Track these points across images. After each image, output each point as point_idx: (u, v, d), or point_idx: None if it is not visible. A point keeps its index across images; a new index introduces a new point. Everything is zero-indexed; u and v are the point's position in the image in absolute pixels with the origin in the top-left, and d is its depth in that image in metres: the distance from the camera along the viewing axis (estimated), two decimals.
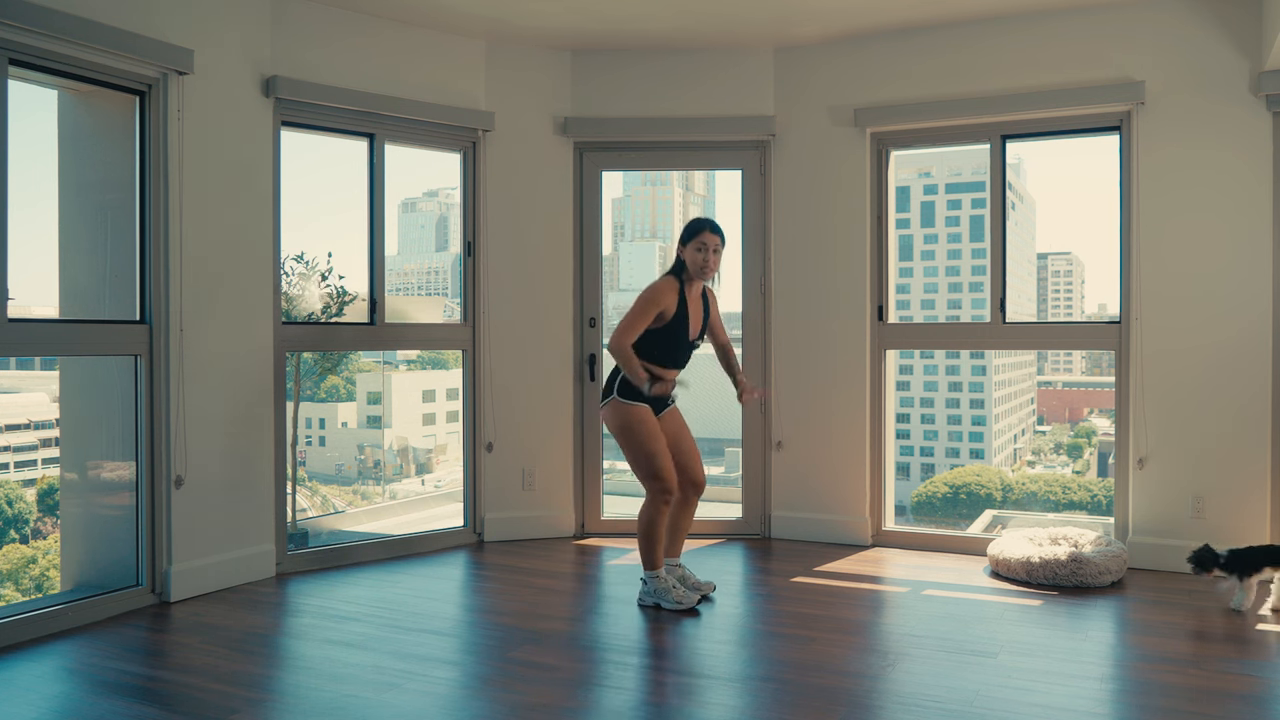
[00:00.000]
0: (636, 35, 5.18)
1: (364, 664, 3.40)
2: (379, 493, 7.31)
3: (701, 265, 3.98)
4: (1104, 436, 10.34)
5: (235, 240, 4.40)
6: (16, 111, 3.66)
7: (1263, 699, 3.05)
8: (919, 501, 9.85)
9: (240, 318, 4.42)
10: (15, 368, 5.73)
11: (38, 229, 4.18)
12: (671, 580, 4.08)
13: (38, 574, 5.51)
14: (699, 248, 3.98)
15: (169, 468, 4.13)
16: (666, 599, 4.02)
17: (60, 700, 3.13)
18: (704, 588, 4.18)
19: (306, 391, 6.67)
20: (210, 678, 3.26)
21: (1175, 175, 4.60)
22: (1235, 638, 3.64)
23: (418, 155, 5.33)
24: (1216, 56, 4.50)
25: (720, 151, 5.52)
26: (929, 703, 3.00)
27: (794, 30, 5.11)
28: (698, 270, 3.99)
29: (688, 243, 4.02)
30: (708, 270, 4.00)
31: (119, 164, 4.17)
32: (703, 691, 3.17)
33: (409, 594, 4.33)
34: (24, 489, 6.02)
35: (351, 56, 4.82)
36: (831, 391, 5.28)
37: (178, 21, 4.13)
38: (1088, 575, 4.28)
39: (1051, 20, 4.80)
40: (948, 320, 11.96)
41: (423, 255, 8.68)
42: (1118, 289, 4.77)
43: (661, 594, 4.04)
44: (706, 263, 3.98)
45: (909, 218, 12.40)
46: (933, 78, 5.05)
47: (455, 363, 5.50)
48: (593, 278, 5.51)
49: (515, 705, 3.03)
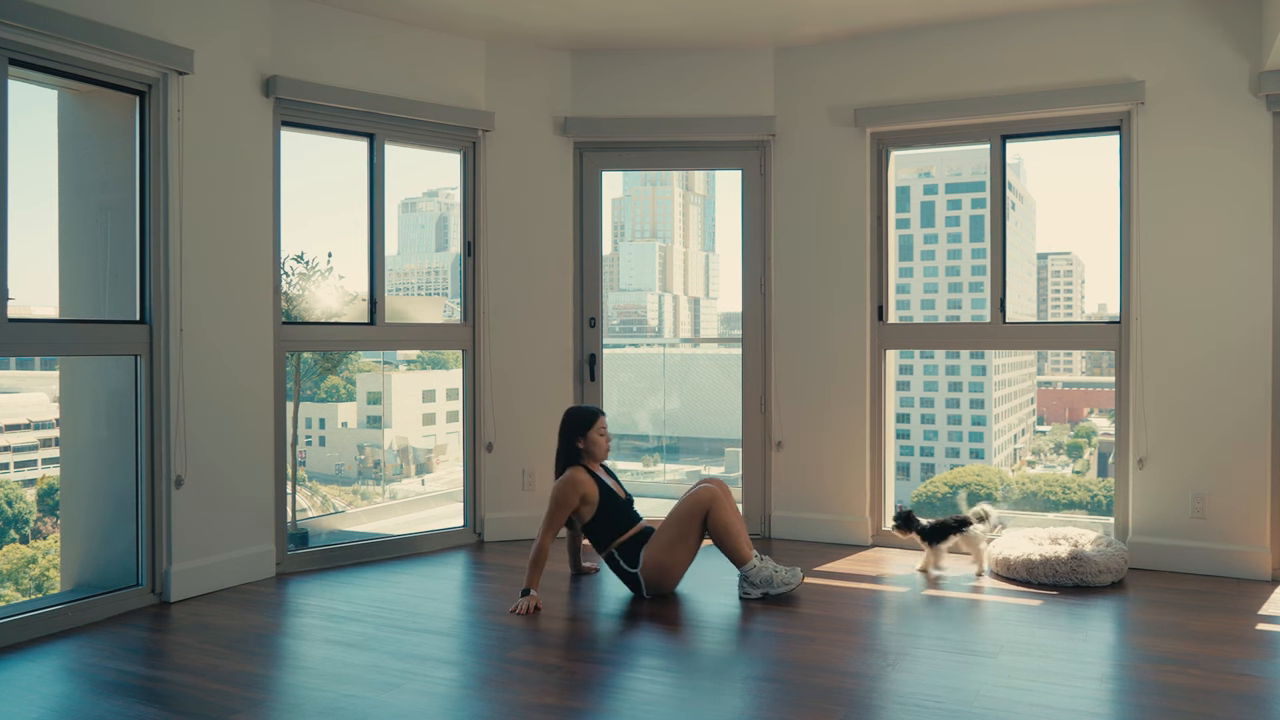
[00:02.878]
0: (636, 35, 5.18)
1: (364, 664, 3.40)
2: (379, 493, 7.31)
3: (606, 448, 4.35)
4: (1104, 436, 10.34)
5: (235, 240, 4.40)
6: (16, 111, 3.67)
7: (1263, 699, 3.04)
8: (919, 501, 9.85)
9: (240, 318, 4.42)
10: (15, 368, 5.73)
11: (38, 229, 4.18)
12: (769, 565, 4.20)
13: (38, 574, 5.50)
14: (600, 432, 4.33)
15: (169, 468, 4.13)
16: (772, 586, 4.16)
17: (60, 700, 3.13)
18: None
19: (306, 391, 6.67)
20: (210, 678, 3.26)
21: (1175, 175, 4.60)
22: (1235, 638, 3.64)
23: (418, 155, 5.33)
24: (1216, 56, 4.50)
25: (720, 151, 5.52)
26: (929, 703, 3.00)
27: (794, 30, 5.11)
28: (602, 454, 4.35)
29: (587, 431, 4.31)
30: (607, 451, 4.37)
31: (119, 164, 4.17)
32: (703, 691, 3.17)
33: (409, 594, 4.33)
34: (24, 489, 6.02)
35: (351, 56, 4.82)
36: (831, 391, 5.28)
37: (177, 21, 4.13)
38: (1088, 574, 4.28)
39: (1051, 20, 4.80)
40: (948, 320, 11.96)
41: (423, 255, 8.67)
42: (1118, 289, 4.77)
43: (767, 582, 4.15)
44: (607, 444, 4.36)
45: (909, 218, 12.41)
46: (933, 78, 5.05)
47: (455, 363, 5.50)
48: (593, 278, 5.51)
49: (515, 705, 3.03)
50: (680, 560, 4.20)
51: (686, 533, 4.18)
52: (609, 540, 4.23)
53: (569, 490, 4.21)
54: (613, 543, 4.23)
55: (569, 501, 4.20)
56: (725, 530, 4.15)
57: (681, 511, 4.19)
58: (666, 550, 4.17)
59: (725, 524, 4.15)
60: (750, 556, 4.17)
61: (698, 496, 4.18)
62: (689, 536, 4.19)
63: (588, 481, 4.25)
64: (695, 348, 8.04)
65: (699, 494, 4.19)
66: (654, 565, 4.16)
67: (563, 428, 4.37)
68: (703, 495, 4.17)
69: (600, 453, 4.34)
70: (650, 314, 11.17)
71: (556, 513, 4.19)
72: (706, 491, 4.18)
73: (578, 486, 4.22)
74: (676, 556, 4.18)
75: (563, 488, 4.21)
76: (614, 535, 4.23)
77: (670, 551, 4.17)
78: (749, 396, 5.48)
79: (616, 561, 4.23)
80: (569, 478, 4.24)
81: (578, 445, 4.33)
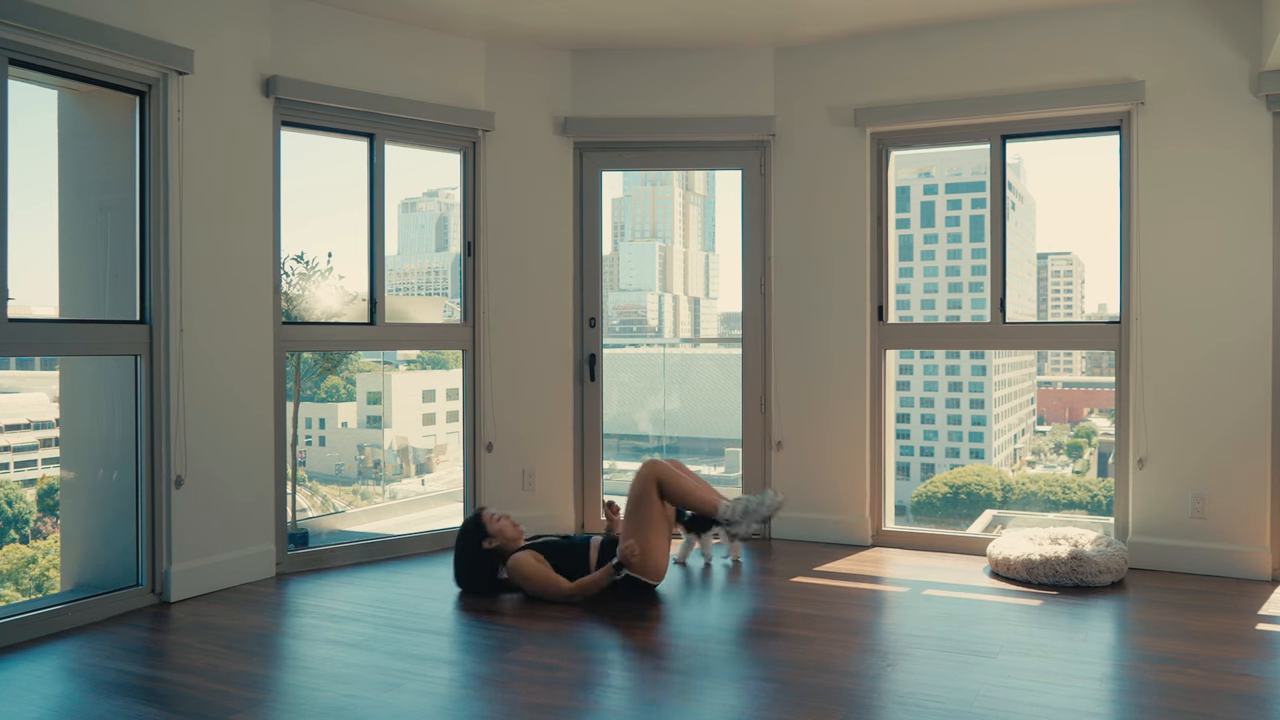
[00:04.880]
0: (636, 35, 5.18)
1: (364, 664, 3.40)
2: (379, 493, 7.30)
3: (511, 525, 4.29)
4: (1104, 436, 10.33)
5: (235, 240, 4.40)
6: (16, 111, 3.67)
7: (1263, 699, 3.04)
8: (919, 501, 9.83)
9: (240, 318, 4.42)
10: (15, 368, 5.73)
11: (38, 229, 4.18)
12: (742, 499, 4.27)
13: (38, 574, 5.50)
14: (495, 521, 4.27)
15: (169, 468, 4.13)
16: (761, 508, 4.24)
17: (60, 700, 3.13)
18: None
19: (306, 391, 6.67)
20: (210, 678, 3.26)
21: (1175, 175, 4.60)
22: (1235, 638, 3.64)
23: (418, 155, 5.33)
24: (1216, 56, 4.50)
25: (720, 151, 5.52)
26: (929, 703, 3.00)
27: (794, 30, 5.10)
28: (513, 533, 4.28)
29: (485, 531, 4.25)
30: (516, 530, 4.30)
31: (119, 164, 4.17)
32: (703, 691, 3.17)
33: (409, 594, 4.33)
34: (24, 489, 6.01)
35: (351, 56, 4.82)
36: (831, 391, 5.28)
37: (177, 21, 4.13)
38: (1088, 574, 4.28)
39: (1051, 20, 4.80)
40: (948, 320, 11.95)
41: (423, 255, 8.67)
42: (1118, 289, 4.77)
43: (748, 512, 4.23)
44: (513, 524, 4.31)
45: (909, 218, 12.39)
46: (933, 78, 5.05)
47: (455, 363, 5.50)
48: (593, 278, 5.51)
49: (515, 705, 3.03)
50: (655, 539, 4.18)
51: (648, 512, 4.18)
52: (585, 572, 4.21)
53: (528, 571, 4.15)
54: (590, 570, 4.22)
55: (538, 573, 4.15)
56: (685, 492, 4.23)
57: (632, 497, 4.23)
58: (639, 535, 4.15)
59: (681, 488, 4.23)
60: (719, 501, 4.25)
61: (641, 476, 4.25)
62: (652, 513, 4.19)
63: (527, 558, 4.18)
64: (695, 348, 8.03)
65: (641, 473, 4.26)
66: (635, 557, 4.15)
67: (464, 550, 4.30)
68: (643, 471, 4.25)
69: (511, 536, 4.27)
70: (650, 314, 11.17)
71: (543, 583, 4.14)
72: (647, 467, 4.26)
73: (525, 566, 4.15)
74: (650, 537, 4.17)
75: (523, 572, 4.15)
76: (584, 567, 4.21)
77: (642, 534, 4.16)
78: (749, 396, 5.48)
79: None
80: (515, 568, 4.17)
81: (488, 549, 4.25)
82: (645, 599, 4.18)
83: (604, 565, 4.17)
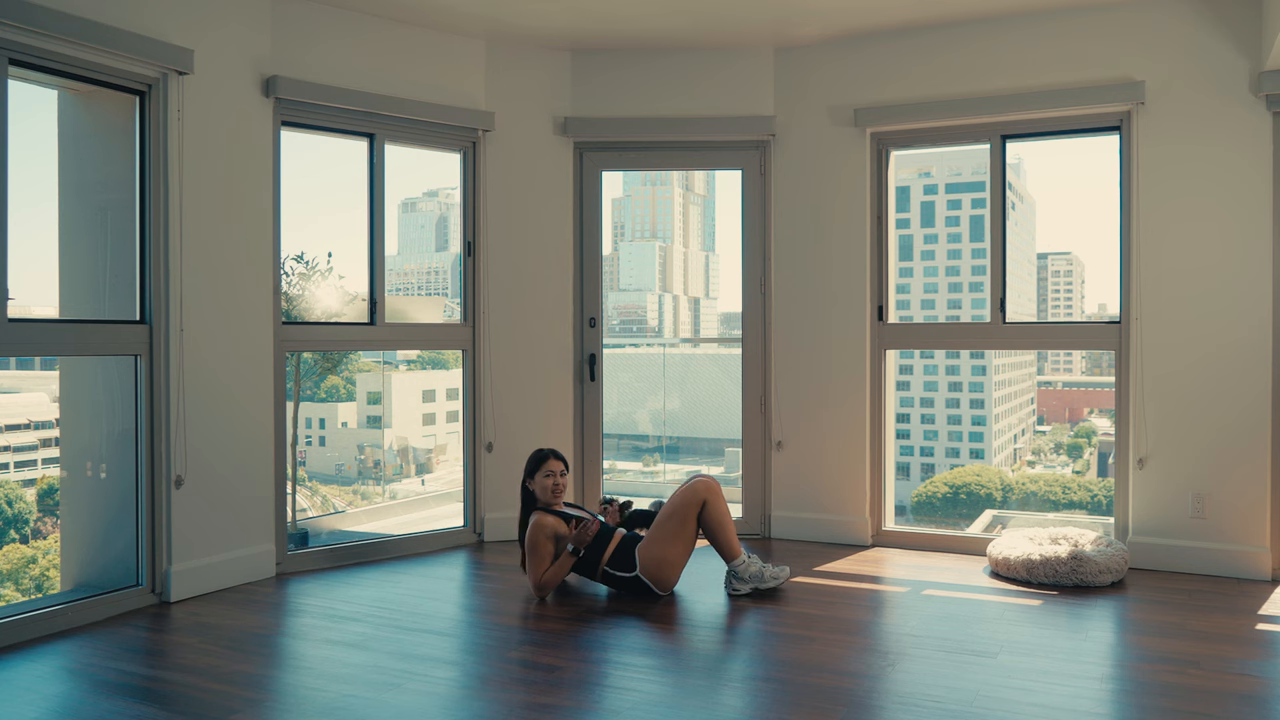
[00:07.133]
0: (636, 35, 5.18)
1: (364, 664, 3.40)
2: (379, 493, 7.30)
3: (550, 491, 4.30)
4: (1104, 436, 10.33)
5: (235, 240, 4.40)
6: (16, 111, 3.67)
7: (1263, 699, 3.05)
8: (919, 501, 9.83)
9: (240, 318, 4.42)
10: (15, 368, 5.73)
11: (38, 229, 4.17)
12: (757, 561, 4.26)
13: (38, 574, 5.50)
14: (547, 474, 4.31)
15: (169, 468, 4.13)
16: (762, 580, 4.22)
17: (60, 700, 3.13)
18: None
19: (306, 391, 6.67)
20: (210, 678, 3.26)
21: (1175, 175, 4.60)
22: (1235, 638, 3.64)
23: (418, 155, 5.33)
24: (1216, 56, 4.50)
25: (720, 151, 5.52)
26: (929, 703, 3.00)
27: (794, 30, 5.10)
28: (546, 497, 4.30)
29: (534, 474, 4.34)
30: (558, 493, 4.32)
31: (119, 164, 4.17)
32: (703, 691, 3.17)
33: (409, 594, 4.33)
34: (24, 489, 6.01)
35: (351, 56, 4.82)
36: (831, 391, 5.28)
37: (177, 21, 4.13)
38: (1088, 574, 4.28)
39: (1051, 20, 4.80)
40: (948, 320, 11.95)
41: (423, 255, 8.66)
42: (1118, 289, 4.77)
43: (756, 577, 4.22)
44: (556, 486, 4.31)
45: (909, 218, 12.38)
46: (933, 78, 5.05)
47: (455, 363, 5.50)
48: (593, 278, 5.51)
49: (515, 705, 3.03)
50: (679, 553, 4.21)
51: (683, 525, 4.20)
52: (597, 561, 4.23)
53: (537, 534, 4.20)
54: (601, 561, 4.23)
55: (542, 544, 4.19)
56: (720, 524, 4.21)
57: (678, 504, 4.22)
58: (665, 544, 4.18)
59: (720, 518, 4.21)
60: (741, 552, 4.25)
61: (694, 488, 4.22)
62: (685, 529, 4.21)
63: (552, 522, 4.23)
64: (695, 348, 8.03)
65: (694, 486, 4.23)
66: (653, 561, 4.16)
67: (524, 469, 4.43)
68: (699, 487, 4.22)
69: (544, 496, 4.32)
70: (650, 314, 11.16)
71: (534, 555, 4.18)
72: (703, 484, 4.23)
73: (543, 529, 4.20)
74: (675, 549, 4.20)
75: (532, 534, 4.20)
76: (599, 554, 4.23)
77: (669, 545, 4.19)
78: (749, 396, 5.48)
79: (612, 576, 4.23)
80: (534, 523, 4.22)
81: (530, 489, 4.37)
82: (646, 600, 4.18)
83: (617, 560, 4.20)
